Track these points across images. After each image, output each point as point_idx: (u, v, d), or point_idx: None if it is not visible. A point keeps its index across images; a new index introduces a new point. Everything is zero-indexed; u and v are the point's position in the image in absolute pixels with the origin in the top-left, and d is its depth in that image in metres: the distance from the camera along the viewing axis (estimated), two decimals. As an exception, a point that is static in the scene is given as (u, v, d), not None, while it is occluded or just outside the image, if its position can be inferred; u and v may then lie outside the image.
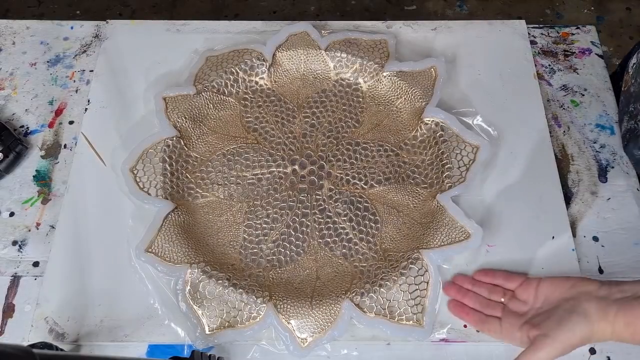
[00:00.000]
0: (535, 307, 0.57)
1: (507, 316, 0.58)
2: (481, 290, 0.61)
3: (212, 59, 0.76)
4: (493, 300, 0.60)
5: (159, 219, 0.64)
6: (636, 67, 0.68)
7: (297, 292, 0.61)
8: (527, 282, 0.60)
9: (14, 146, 0.70)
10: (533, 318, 0.56)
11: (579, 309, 0.53)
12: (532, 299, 0.58)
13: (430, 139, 0.71)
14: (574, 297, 0.55)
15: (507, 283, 0.61)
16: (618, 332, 0.53)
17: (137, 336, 0.60)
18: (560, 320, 0.53)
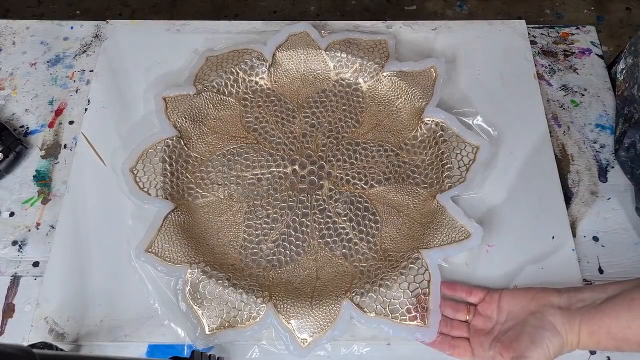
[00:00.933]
0: (500, 322, 0.57)
1: (474, 335, 0.58)
2: (446, 311, 0.60)
3: (212, 59, 0.76)
4: (458, 320, 0.60)
5: (159, 219, 0.64)
6: (626, 72, 0.68)
7: (297, 292, 0.61)
8: (489, 296, 0.59)
9: (14, 146, 0.70)
10: (501, 335, 0.55)
11: (546, 324, 0.53)
12: (495, 314, 0.57)
13: (430, 139, 0.71)
14: (538, 310, 0.55)
15: (469, 297, 0.60)
16: (584, 342, 0.53)
17: (137, 336, 0.60)
18: (533, 338, 0.53)
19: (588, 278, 0.64)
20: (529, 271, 0.63)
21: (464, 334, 0.59)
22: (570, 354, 0.59)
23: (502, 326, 0.56)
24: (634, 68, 0.66)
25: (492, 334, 0.56)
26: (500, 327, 0.56)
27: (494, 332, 0.56)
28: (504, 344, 0.54)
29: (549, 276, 0.63)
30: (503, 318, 0.57)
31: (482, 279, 0.63)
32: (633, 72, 0.67)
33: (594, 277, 0.64)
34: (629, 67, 0.67)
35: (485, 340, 0.56)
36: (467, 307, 0.60)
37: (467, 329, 0.59)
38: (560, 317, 0.53)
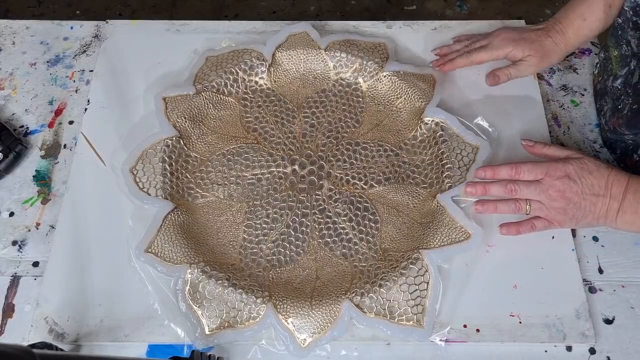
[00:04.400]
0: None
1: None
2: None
3: (212, 59, 0.76)
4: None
5: (159, 219, 0.64)
6: (600, 65, 0.70)
7: (296, 292, 0.61)
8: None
9: (13, 146, 0.70)
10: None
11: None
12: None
13: (430, 139, 0.71)
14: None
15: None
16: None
17: (137, 336, 0.60)
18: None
19: (588, 278, 0.64)
20: (529, 271, 0.63)
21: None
22: (570, 353, 0.59)
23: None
24: (606, 62, 0.68)
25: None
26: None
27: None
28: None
29: (549, 276, 0.63)
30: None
31: (482, 279, 0.63)
32: (606, 66, 0.68)
33: (594, 277, 0.64)
34: (602, 60, 0.69)
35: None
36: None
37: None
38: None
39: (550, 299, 0.61)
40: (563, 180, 0.59)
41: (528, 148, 0.66)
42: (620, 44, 0.65)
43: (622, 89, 0.67)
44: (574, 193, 0.59)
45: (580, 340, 0.59)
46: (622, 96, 0.67)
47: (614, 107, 0.68)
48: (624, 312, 0.62)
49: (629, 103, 0.66)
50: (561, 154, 0.63)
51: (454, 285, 0.62)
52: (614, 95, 0.69)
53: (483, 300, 0.62)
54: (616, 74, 0.67)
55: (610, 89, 0.69)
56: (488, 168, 0.64)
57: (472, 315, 0.61)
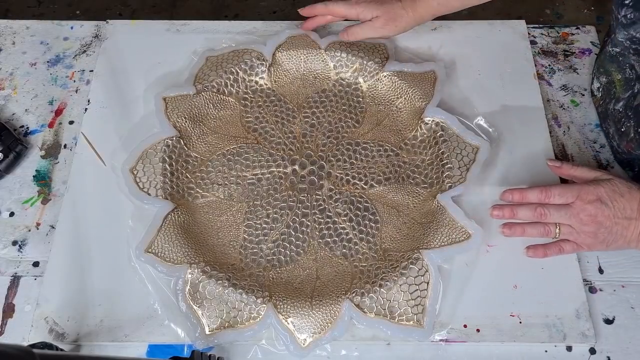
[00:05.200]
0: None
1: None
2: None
3: (212, 59, 0.76)
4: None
5: (159, 219, 0.64)
6: (602, 89, 0.70)
7: (297, 292, 0.61)
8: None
9: (14, 146, 0.70)
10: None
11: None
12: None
13: (430, 138, 0.71)
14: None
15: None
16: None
17: (137, 336, 0.60)
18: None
19: (588, 278, 0.64)
20: (529, 271, 0.63)
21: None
22: (570, 353, 0.59)
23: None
24: (609, 85, 0.68)
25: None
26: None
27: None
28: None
29: (549, 276, 0.63)
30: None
31: (482, 279, 0.63)
32: (609, 89, 0.68)
33: (594, 277, 0.64)
34: (604, 85, 0.68)
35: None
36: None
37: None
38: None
39: (550, 299, 0.61)
40: (595, 204, 0.57)
41: (555, 170, 0.65)
42: (624, 68, 0.64)
43: (623, 112, 0.66)
44: (605, 217, 0.57)
45: (580, 340, 0.59)
46: (623, 119, 0.67)
47: (618, 130, 0.68)
48: (624, 312, 0.62)
49: (632, 126, 0.65)
50: (590, 175, 0.61)
51: (454, 285, 0.62)
52: (615, 118, 0.68)
53: (483, 300, 0.62)
54: (619, 97, 0.67)
55: (611, 112, 0.69)
56: (516, 191, 0.62)
57: (472, 315, 0.61)
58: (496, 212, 0.62)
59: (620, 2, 0.61)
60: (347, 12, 0.75)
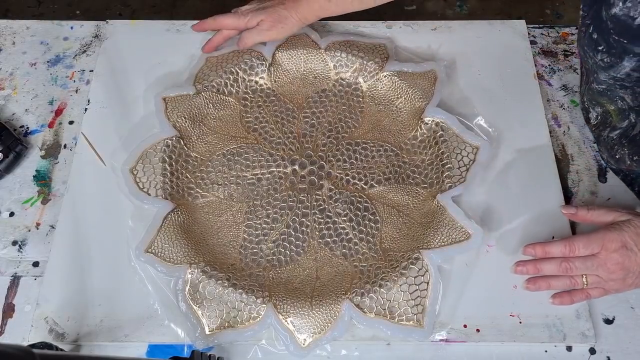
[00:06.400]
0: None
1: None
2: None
3: (212, 59, 0.76)
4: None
5: (159, 219, 0.64)
6: (600, 118, 0.70)
7: (297, 292, 0.61)
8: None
9: (14, 146, 0.70)
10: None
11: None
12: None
13: (430, 139, 0.71)
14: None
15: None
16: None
17: (137, 336, 0.60)
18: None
19: (588, 278, 0.64)
20: (529, 271, 0.63)
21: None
22: (570, 353, 0.59)
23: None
24: (605, 115, 0.68)
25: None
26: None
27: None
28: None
29: (549, 276, 0.63)
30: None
31: (482, 279, 0.63)
32: (606, 118, 0.68)
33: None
34: (601, 114, 0.69)
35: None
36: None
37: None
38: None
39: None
40: (620, 251, 0.56)
41: (570, 217, 0.63)
42: (614, 99, 0.64)
43: (617, 140, 0.67)
44: (632, 262, 0.56)
45: (580, 340, 0.59)
46: (616, 146, 0.67)
47: (613, 157, 0.68)
48: (624, 312, 0.62)
49: (627, 154, 0.65)
50: (607, 218, 0.59)
51: (454, 285, 0.62)
52: (607, 145, 0.69)
53: (483, 300, 0.62)
54: (615, 125, 0.67)
55: (604, 139, 0.69)
56: (538, 246, 0.60)
57: (472, 315, 0.61)
58: (519, 267, 0.60)
59: (594, 48, 0.60)
60: (235, 22, 0.76)
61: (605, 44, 0.58)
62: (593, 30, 0.59)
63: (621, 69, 0.59)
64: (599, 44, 0.59)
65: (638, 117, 0.63)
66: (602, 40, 0.58)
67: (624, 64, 0.58)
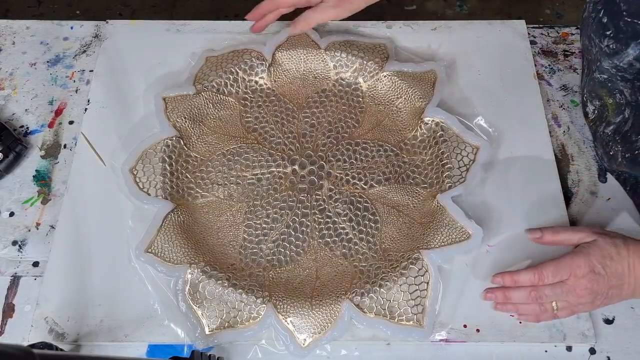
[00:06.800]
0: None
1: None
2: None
3: (212, 59, 0.76)
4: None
5: (159, 219, 0.64)
6: (596, 112, 0.69)
7: (296, 292, 0.61)
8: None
9: (13, 146, 0.70)
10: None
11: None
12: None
13: (430, 139, 0.71)
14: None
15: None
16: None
17: (137, 336, 0.60)
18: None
19: (588, 278, 0.64)
20: (529, 271, 0.63)
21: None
22: (570, 353, 0.59)
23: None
24: (602, 109, 0.68)
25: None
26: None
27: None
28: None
29: (549, 276, 0.63)
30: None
31: (482, 279, 0.63)
32: (602, 112, 0.68)
33: (594, 277, 0.64)
34: (598, 108, 0.69)
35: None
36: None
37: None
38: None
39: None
40: (588, 276, 0.56)
41: (537, 241, 0.62)
42: (614, 93, 0.64)
43: (611, 136, 0.67)
44: (601, 285, 0.56)
45: (580, 340, 0.60)
46: (611, 143, 0.67)
47: (607, 154, 0.68)
48: (624, 312, 0.62)
49: (619, 151, 0.65)
50: (574, 238, 0.59)
51: (454, 285, 0.62)
52: (603, 142, 0.69)
53: (483, 300, 0.61)
54: (610, 120, 0.67)
55: (600, 135, 0.69)
56: (506, 275, 0.59)
57: (472, 315, 0.61)
58: (489, 295, 0.59)
59: (602, 33, 0.61)
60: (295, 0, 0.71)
61: (614, 29, 0.59)
62: (604, 14, 0.60)
63: (625, 57, 0.59)
64: (607, 29, 0.59)
65: (632, 112, 0.63)
66: (611, 24, 0.59)
67: (628, 52, 0.58)
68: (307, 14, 0.73)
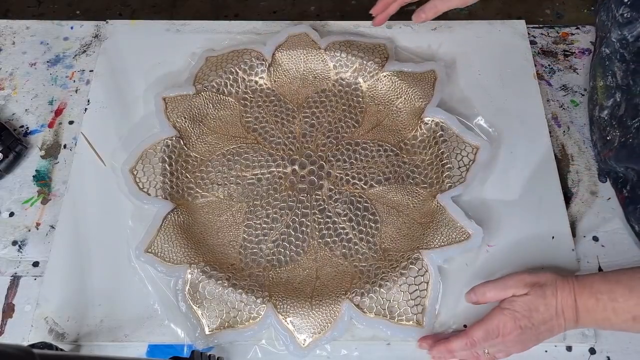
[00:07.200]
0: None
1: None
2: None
3: (212, 59, 0.76)
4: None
5: (159, 219, 0.64)
6: (588, 94, 0.70)
7: (296, 292, 0.61)
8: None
9: (13, 146, 0.70)
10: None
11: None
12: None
13: (430, 139, 0.71)
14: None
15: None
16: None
17: (137, 336, 0.60)
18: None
19: (588, 278, 0.64)
20: (529, 271, 0.63)
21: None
22: (570, 353, 0.59)
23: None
24: (593, 91, 0.68)
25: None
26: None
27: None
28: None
29: (549, 276, 0.63)
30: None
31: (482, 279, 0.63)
32: (592, 95, 0.68)
33: (594, 277, 0.64)
34: (590, 90, 0.69)
35: None
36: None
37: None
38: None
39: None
40: (515, 332, 0.55)
41: (471, 302, 0.60)
42: (606, 74, 0.65)
43: (608, 121, 0.67)
44: (530, 336, 0.56)
45: (580, 340, 0.59)
46: (608, 127, 0.67)
47: (603, 138, 0.68)
48: (624, 312, 0.62)
49: (617, 135, 0.65)
50: (506, 293, 0.57)
51: (454, 285, 0.62)
52: (600, 126, 0.69)
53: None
54: (602, 104, 0.67)
55: (596, 119, 0.69)
56: (441, 345, 0.57)
57: (472, 315, 0.61)
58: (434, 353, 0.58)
59: (620, 1, 0.61)
60: None
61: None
62: None
63: (635, 28, 0.59)
64: None
65: (623, 97, 0.63)
66: None
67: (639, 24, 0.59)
68: (434, 2, 0.73)
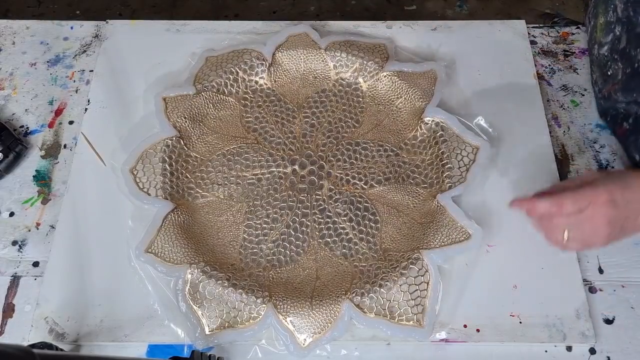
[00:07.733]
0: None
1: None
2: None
3: (212, 59, 0.76)
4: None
5: (159, 219, 0.64)
6: (588, 35, 0.70)
7: (297, 292, 0.61)
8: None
9: (13, 146, 0.70)
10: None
11: None
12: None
13: (430, 139, 0.71)
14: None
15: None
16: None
17: (137, 336, 0.60)
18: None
19: (588, 278, 0.64)
20: (529, 271, 0.63)
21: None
22: (570, 353, 0.59)
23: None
24: (592, 30, 0.69)
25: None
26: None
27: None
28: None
29: (549, 276, 0.63)
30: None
31: (482, 279, 0.63)
32: (592, 34, 0.69)
33: (594, 277, 0.64)
34: (590, 29, 0.70)
35: None
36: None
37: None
38: None
39: (550, 299, 0.61)
40: (607, 204, 0.53)
41: (531, 213, 0.57)
42: (608, 9, 0.65)
43: (609, 56, 0.66)
44: (618, 214, 0.53)
45: (580, 340, 0.60)
46: (609, 62, 0.66)
47: (604, 75, 0.68)
48: (624, 312, 0.62)
49: (620, 68, 0.64)
50: (585, 198, 0.54)
51: (454, 285, 0.62)
52: (600, 63, 0.68)
53: (483, 300, 0.62)
54: (600, 41, 0.67)
55: (596, 57, 0.69)
56: (525, 202, 0.56)
57: (472, 315, 0.61)
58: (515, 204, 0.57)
59: None
60: None
61: None
62: None
63: None
64: None
65: (623, 29, 0.63)
66: None
67: None
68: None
